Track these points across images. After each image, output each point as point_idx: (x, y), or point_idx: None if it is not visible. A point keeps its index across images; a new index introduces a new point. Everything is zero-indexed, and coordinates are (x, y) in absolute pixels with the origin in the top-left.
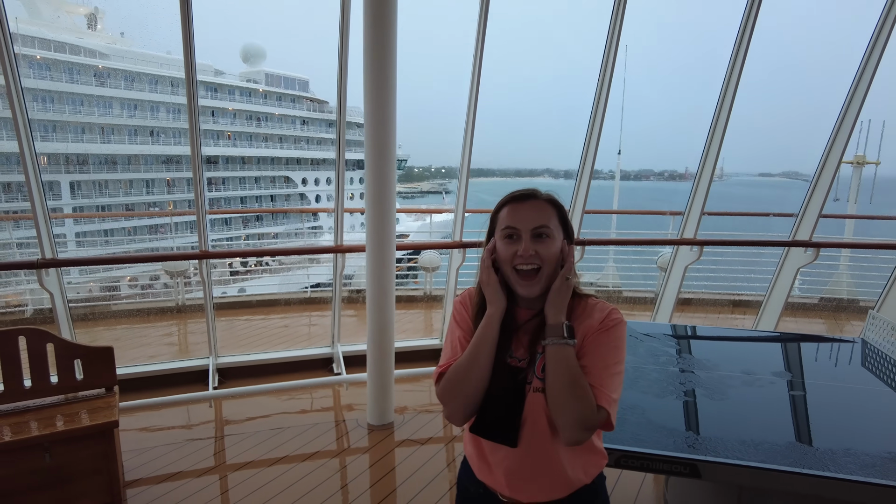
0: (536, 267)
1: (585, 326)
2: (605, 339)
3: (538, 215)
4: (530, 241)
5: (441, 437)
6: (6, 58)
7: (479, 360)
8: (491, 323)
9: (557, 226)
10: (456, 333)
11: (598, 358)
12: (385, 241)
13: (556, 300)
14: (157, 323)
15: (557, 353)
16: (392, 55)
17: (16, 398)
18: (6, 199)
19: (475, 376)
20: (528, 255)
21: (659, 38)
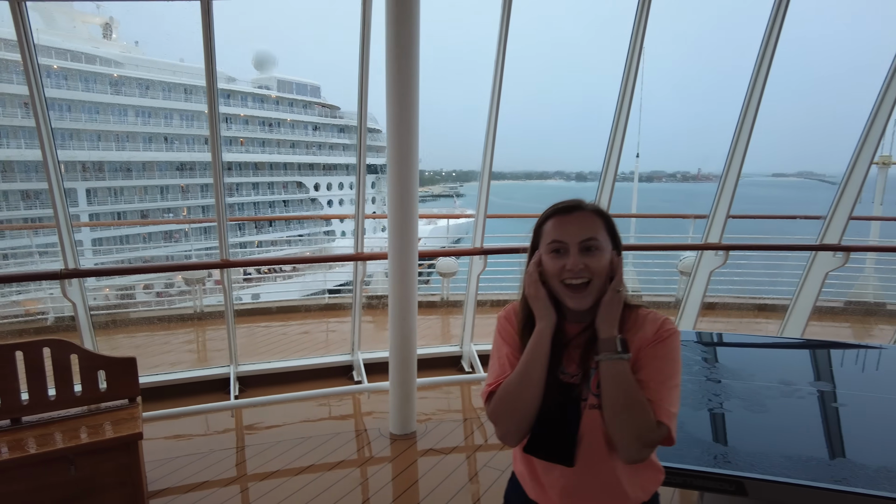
0: (586, 280)
1: (639, 339)
2: (661, 351)
3: (586, 227)
4: (579, 255)
5: (464, 446)
6: (31, 70)
7: (531, 377)
8: (542, 338)
9: (606, 237)
10: (503, 350)
11: (655, 371)
12: (407, 248)
13: (607, 313)
14: (176, 330)
15: (612, 368)
16: (415, 62)
17: (40, 409)
18: (25, 207)
19: (528, 394)
20: (577, 269)
21: (672, 37)
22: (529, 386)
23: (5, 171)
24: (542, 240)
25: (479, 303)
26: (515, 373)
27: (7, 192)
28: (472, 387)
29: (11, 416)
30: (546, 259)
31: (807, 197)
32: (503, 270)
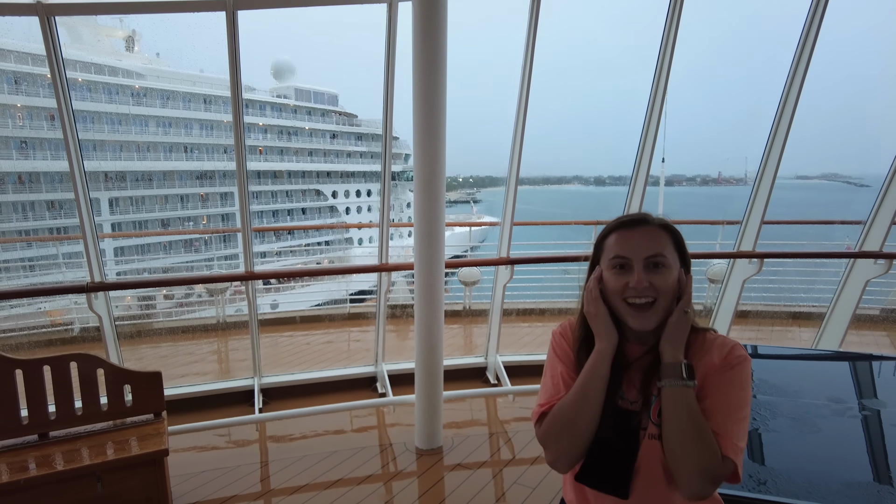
0: (651, 300)
1: (705, 364)
2: (730, 380)
3: (652, 243)
4: (644, 272)
5: (492, 461)
6: (59, 83)
7: (588, 400)
8: (602, 359)
9: (673, 254)
10: (557, 368)
11: (723, 401)
12: (434, 259)
13: (673, 336)
14: (200, 340)
15: (676, 395)
16: (442, 72)
17: (67, 424)
18: (50, 217)
19: (584, 419)
20: (641, 287)
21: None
22: (586, 410)
23: (32, 181)
24: (603, 254)
25: (504, 311)
26: (571, 394)
27: (34, 202)
28: (497, 399)
29: (39, 430)
30: (608, 275)
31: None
32: (529, 279)
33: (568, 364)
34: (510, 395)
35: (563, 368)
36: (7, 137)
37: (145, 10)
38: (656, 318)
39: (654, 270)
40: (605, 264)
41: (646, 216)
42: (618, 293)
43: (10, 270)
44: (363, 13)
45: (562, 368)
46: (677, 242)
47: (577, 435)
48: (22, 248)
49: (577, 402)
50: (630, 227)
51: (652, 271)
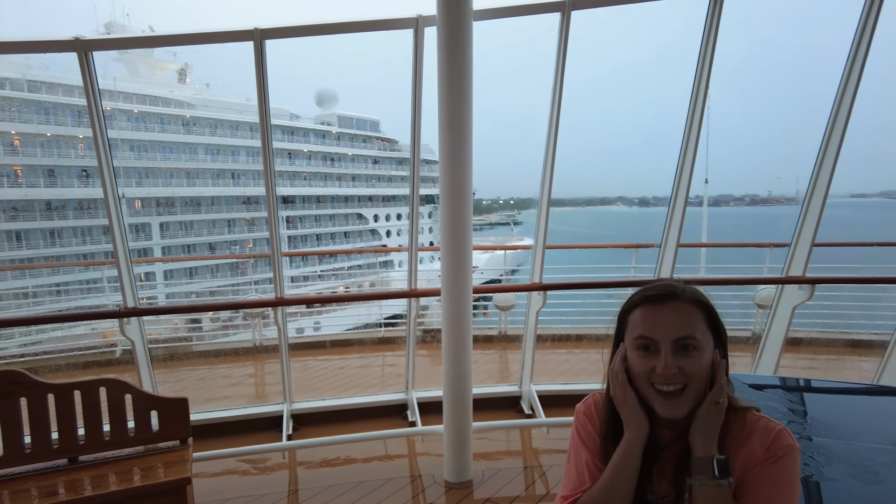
0: (681, 386)
1: (746, 454)
2: (775, 475)
3: (682, 323)
4: (672, 356)
5: (525, 496)
6: (95, 113)
7: (617, 494)
8: (632, 451)
9: (706, 333)
10: (582, 455)
11: (764, 500)
12: (462, 286)
13: (703, 428)
14: (235, 364)
15: (708, 497)
16: (467, 91)
17: (96, 448)
18: (105, 241)
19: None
20: (670, 374)
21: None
22: None
23: (90, 207)
24: (627, 331)
25: (538, 338)
26: (598, 488)
27: (92, 227)
28: (532, 431)
29: (69, 455)
30: (633, 356)
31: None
32: (565, 303)
33: (594, 451)
34: (544, 427)
35: (588, 456)
36: (70, 167)
37: (178, 42)
38: (687, 406)
39: (683, 354)
40: (630, 343)
41: (674, 289)
42: (643, 377)
43: (70, 293)
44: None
45: (587, 456)
46: (711, 319)
47: None
48: (80, 270)
49: (606, 497)
50: (657, 304)
51: (681, 355)
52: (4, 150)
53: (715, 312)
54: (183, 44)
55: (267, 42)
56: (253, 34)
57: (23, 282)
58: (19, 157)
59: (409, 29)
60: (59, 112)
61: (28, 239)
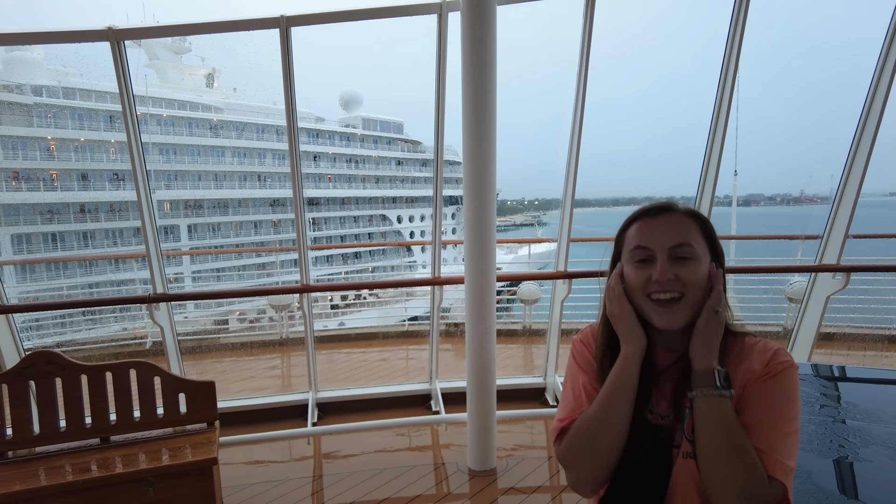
0: (677, 295)
1: (744, 372)
2: (773, 388)
3: (677, 231)
4: (668, 263)
5: (549, 486)
6: (129, 118)
7: (614, 413)
8: (629, 365)
9: (703, 244)
10: (579, 379)
11: (766, 413)
12: (485, 272)
13: (703, 339)
14: (261, 356)
15: (710, 407)
16: (491, 78)
17: (126, 429)
18: (136, 242)
19: (610, 433)
20: (665, 280)
21: (775, 44)
22: (611, 424)
23: (121, 209)
24: (624, 247)
25: (563, 331)
26: (594, 407)
27: (123, 229)
28: None
29: (101, 434)
30: (629, 270)
31: None
32: (590, 297)
33: (590, 373)
34: None
35: (584, 378)
36: (102, 171)
37: (206, 30)
38: (684, 316)
39: (679, 262)
40: (626, 257)
41: (671, 203)
42: (640, 288)
43: (102, 295)
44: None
45: (584, 378)
46: (706, 231)
47: (602, 453)
48: (112, 271)
49: (602, 415)
50: (653, 216)
51: (677, 263)
52: (41, 155)
53: (710, 226)
54: (211, 32)
55: (294, 46)
56: (279, 21)
57: (58, 282)
58: (55, 162)
59: (434, 14)
60: (93, 117)
61: (63, 240)
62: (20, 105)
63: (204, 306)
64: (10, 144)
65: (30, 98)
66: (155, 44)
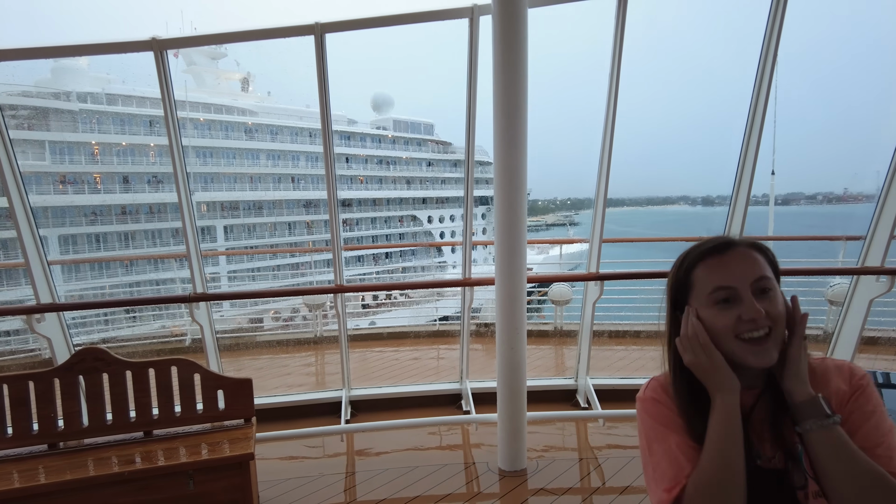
0: (767, 331)
1: (835, 394)
2: (869, 404)
3: (754, 265)
4: (754, 299)
5: (580, 488)
6: (171, 122)
7: (732, 467)
8: (733, 411)
9: (772, 274)
10: (670, 441)
11: (876, 432)
12: (516, 273)
13: (797, 370)
14: (296, 353)
15: (829, 439)
16: (522, 78)
17: (168, 424)
18: (174, 243)
19: (735, 487)
20: (760, 318)
21: (814, 36)
22: (733, 480)
23: (160, 211)
24: (695, 291)
25: (595, 333)
26: (708, 463)
27: (162, 230)
28: (588, 424)
29: (145, 428)
30: (709, 313)
31: None
32: (622, 298)
33: (681, 433)
34: (600, 419)
35: (677, 439)
36: (142, 173)
37: (244, 38)
38: (776, 350)
39: (763, 296)
40: (703, 301)
41: (731, 239)
42: (727, 331)
43: (143, 294)
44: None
45: (676, 440)
46: (771, 260)
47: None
48: (152, 270)
49: (720, 471)
50: (720, 254)
51: (762, 298)
52: (86, 159)
53: (774, 257)
54: (248, 39)
55: (328, 50)
56: (314, 28)
57: (101, 281)
58: (98, 166)
59: (465, 18)
60: (133, 122)
61: (105, 241)
62: (67, 112)
63: (240, 305)
64: (58, 149)
65: (76, 105)
66: (192, 50)
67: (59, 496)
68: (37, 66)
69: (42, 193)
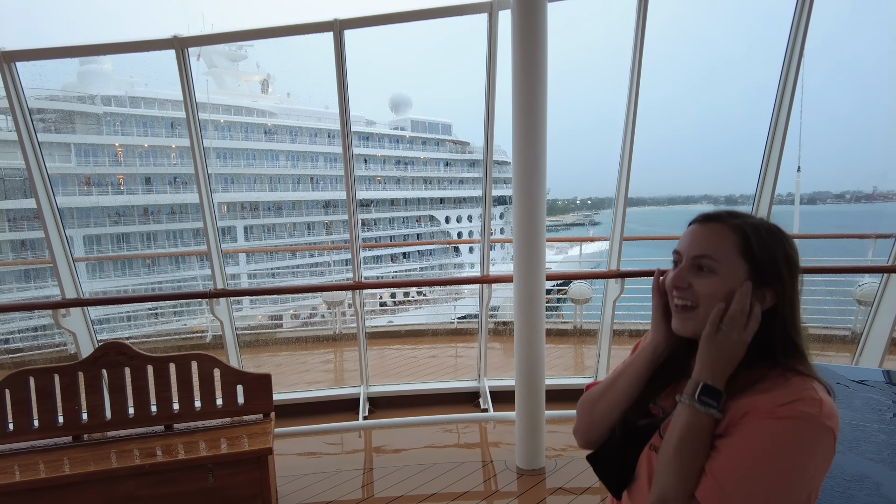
0: (689, 304)
1: (750, 405)
2: (766, 431)
3: (705, 242)
4: (687, 271)
5: (599, 487)
6: (192, 124)
7: (614, 387)
8: (640, 353)
9: (735, 260)
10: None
11: (740, 447)
12: (534, 269)
13: (703, 353)
14: (315, 350)
15: (682, 413)
16: (542, 73)
17: (188, 418)
18: (195, 243)
19: (604, 404)
20: (679, 286)
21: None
22: (607, 396)
23: (182, 212)
24: None
25: (615, 332)
26: (604, 380)
27: (183, 231)
28: None
29: (165, 422)
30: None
31: None
32: (643, 297)
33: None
34: None
35: (629, 358)
36: (164, 174)
37: (264, 35)
38: (693, 325)
39: (697, 273)
40: None
41: (720, 214)
42: (668, 290)
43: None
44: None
45: (628, 358)
46: (747, 249)
47: (595, 415)
48: (173, 269)
49: (606, 385)
50: (699, 223)
51: (696, 273)
52: (109, 161)
53: (756, 246)
54: (267, 37)
55: (347, 50)
56: (333, 25)
57: (124, 280)
58: (122, 167)
59: (484, 13)
60: (156, 124)
61: (128, 241)
62: (91, 115)
63: (259, 304)
64: (83, 151)
65: (100, 108)
66: (213, 52)
67: (83, 487)
68: (64, 70)
69: (68, 195)
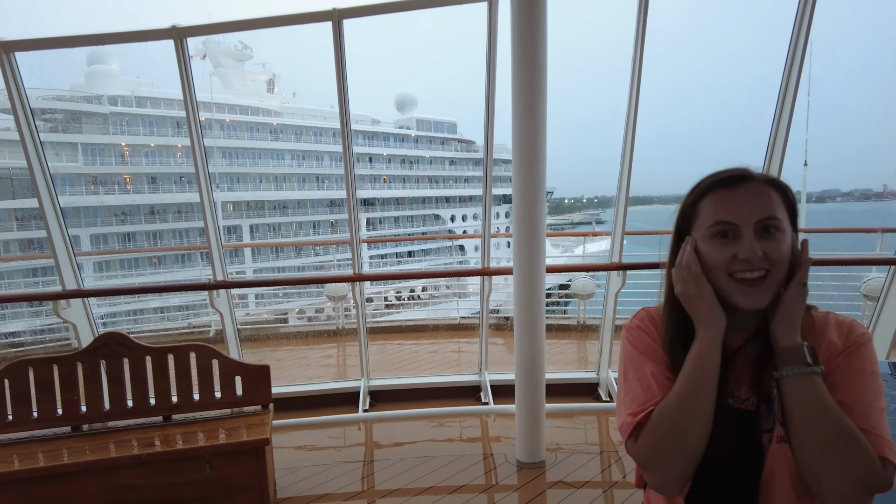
0: (763, 273)
1: (826, 348)
2: (859, 363)
3: (763, 203)
4: (755, 239)
5: (599, 482)
6: (193, 123)
7: (701, 400)
8: (712, 349)
9: (786, 215)
10: (646, 368)
11: (859, 389)
12: (534, 262)
13: (789, 316)
14: (316, 345)
15: (804, 387)
16: (542, 64)
17: (187, 409)
18: (201, 242)
19: (699, 425)
20: (755, 259)
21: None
22: (699, 413)
23: (188, 210)
24: (697, 221)
25: (617, 326)
26: (675, 398)
27: (189, 229)
28: (609, 417)
29: (164, 413)
30: (707, 247)
31: None
32: (645, 291)
33: (659, 362)
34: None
35: (653, 367)
36: (170, 174)
37: (261, 25)
38: (770, 294)
39: (766, 237)
40: (703, 233)
41: (748, 171)
42: (721, 268)
43: None
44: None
45: (652, 368)
46: (788, 201)
47: (691, 446)
48: (178, 268)
49: (687, 404)
50: (732, 186)
51: (764, 238)
52: (116, 160)
53: (793, 196)
54: (267, 26)
55: (351, 52)
56: (331, 14)
57: (129, 279)
58: (128, 167)
59: (484, 2)
60: (161, 124)
61: (134, 240)
62: (98, 114)
63: (265, 303)
64: (90, 151)
65: (106, 108)
66: (219, 51)
67: (81, 476)
68: (72, 71)
69: (75, 194)
